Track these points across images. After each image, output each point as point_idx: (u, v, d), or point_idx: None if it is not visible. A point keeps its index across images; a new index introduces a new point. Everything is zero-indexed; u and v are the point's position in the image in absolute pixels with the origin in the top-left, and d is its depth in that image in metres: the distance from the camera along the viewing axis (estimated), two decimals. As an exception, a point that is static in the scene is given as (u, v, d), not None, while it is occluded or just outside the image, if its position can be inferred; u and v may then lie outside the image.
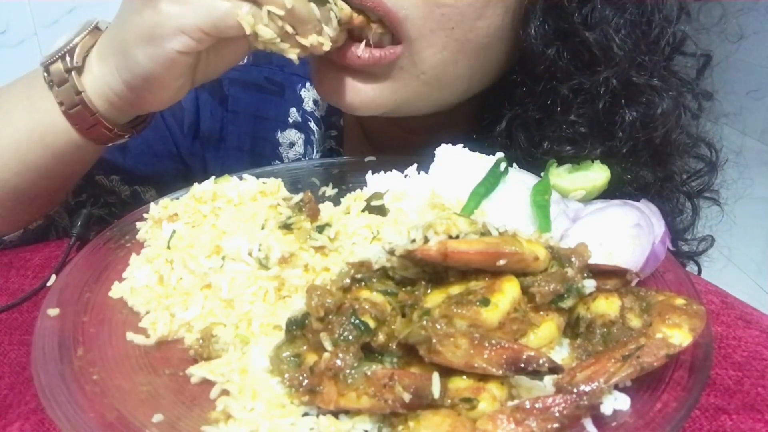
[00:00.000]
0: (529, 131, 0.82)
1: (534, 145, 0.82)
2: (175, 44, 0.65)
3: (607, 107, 0.78)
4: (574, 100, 0.78)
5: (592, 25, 0.74)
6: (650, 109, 0.78)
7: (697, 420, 0.53)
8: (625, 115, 0.78)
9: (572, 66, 0.76)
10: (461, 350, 0.45)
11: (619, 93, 0.77)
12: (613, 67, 0.75)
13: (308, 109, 1.01)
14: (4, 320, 0.67)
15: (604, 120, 0.79)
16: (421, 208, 0.66)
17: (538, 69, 0.77)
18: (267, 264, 0.58)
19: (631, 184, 0.82)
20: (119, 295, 0.61)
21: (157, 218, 0.67)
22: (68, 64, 0.71)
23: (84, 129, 0.74)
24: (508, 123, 0.83)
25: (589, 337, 0.51)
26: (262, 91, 1.00)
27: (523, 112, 0.82)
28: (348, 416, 0.46)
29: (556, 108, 0.79)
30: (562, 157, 0.78)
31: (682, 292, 0.57)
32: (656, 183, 0.84)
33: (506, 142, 0.84)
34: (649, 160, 0.82)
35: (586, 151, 0.78)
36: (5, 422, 0.54)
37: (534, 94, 0.80)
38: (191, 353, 0.55)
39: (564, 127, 0.79)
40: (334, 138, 1.02)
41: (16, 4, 2.22)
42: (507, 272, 0.51)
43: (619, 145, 0.79)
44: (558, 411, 0.43)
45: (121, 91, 0.71)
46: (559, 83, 0.77)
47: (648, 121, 0.78)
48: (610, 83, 0.76)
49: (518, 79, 0.81)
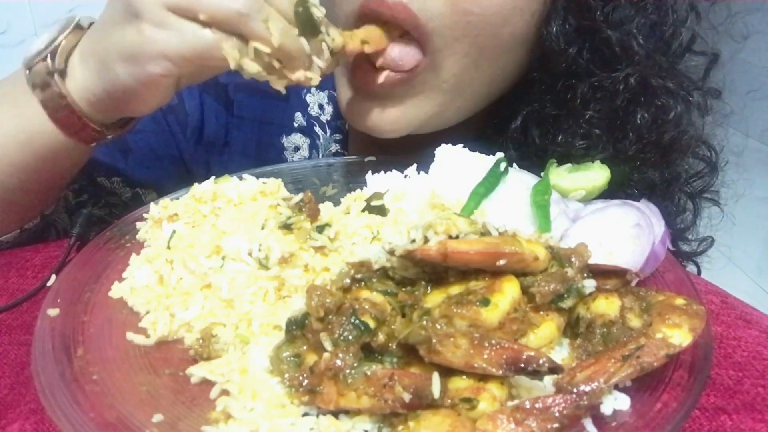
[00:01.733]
0: (544, 127, 0.83)
1: (547, 141, 0.83)
2: (157, 68, 0.63)
3: (623, 106, 0.79)
4: (592, 98, 0.79)
5: (614, 23, 0.75)
6: (664, 111, 0.80)
7: (697, 420, 0.53)
8: (638, 116, 0.79)
9: (592, 64, 0.77)
10: (461, 350, 0.45)
11: (636, 93, 0.78)
12: (633, 65, 0.76)
13: (313, 114, 1.01)
14: (4, 320, 0.67)
15: (618, 119, 0.80)
16: (421, 208, 0.66)
17: (558, 67, 0.78)
18: (267, 264, 0.58)
19: (638, 184, 0.83)
20: (119, 295, 0.61)
21: (157, 218, 0.67)
22: (50, 66, 0.69)
23: (72, 132, 0.72)
24: (524, 119, 0.84)
25: (589, 337, 0.51)
26: (267, 96, 1.00)
27: (540, 108, 0.83)
28: (348, 416, 0.46)
29: (574, 105, 0.80)
30: (572, 155, 0.79)
31: (682, 292, 0.57)
32: (662, 183, 0.85)
33: (520, 138, 0.85)
34: (658, 160, 0.83)
35: (598, 148, 0.80)
36: (5, 422, 0.54)
37: (552, 92, 0.81)
38: (191, 353, 0.55)
39: (580, 123, 0.80)
40: (339, 142, 1.03)
41: (16, 4, 2.22)
42: (507, 272, 0.51)
43: (629, 145, 0.80)
44: (558, 411, 0.43)
45: (103, 98, 0.69)
46: (579, 81, 0.79)
47: (660, 123, 0.80)
48: (629, 82, 0.77)
49: (537, 77, 0.81)
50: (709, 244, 0.97)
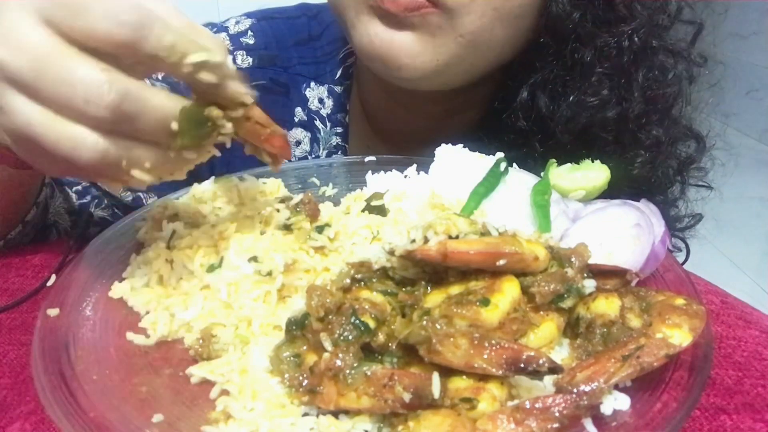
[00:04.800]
0: (553, 92, 0.85)
1: (556, 106, 0.85)
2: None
3: (628, 65, 0.82)
4: (599, 59, 0.82)
5: None
6: (664, 70, 0.83)
7: (697, 420, 0.53)
8: (640, 75, 0.83)
9: (597, 26, 0.80)
10: (461, 350, 0.45)
11: (638, 52, 0.82)
12: (635, 24, 0.80)
13: (313, 108, 1.02)
14: (4, 320, 0.67)
15: (624, 77, 0.83)
16: (421, 208, 0.66)
17: (565, 32, 0.80)
18: (270, 274, 0.58)
19: (642, 143, 0.86)
20: (119, 295, 0.60)
21: (157, 218, 0.67)
22: None
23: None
24: (531, 89, 0.86)
25: (589, 337, 0.51)
26: (267, 92, 1.00)
27: (548, 74, 0.85)
28: (348, 416, 0.46)
29: (581, 67, 0.82)
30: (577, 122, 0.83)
31: (682, 292, 0.57)
32: (668, 142, 0.88)
33: (527, 108, 0.87)
34: (660, 120, 0.87)
35: (607, 107, 0.83)
36: (5, 422, 0.54)
37: (559, 57, 0.83)
38: (191, 353, 0.55)
39: (589, 83, 0.83)
40: (340, 135, 1.04)
41: (16, 4, 2.22)
42: (507, 272, 0.51)
43: (634, 105, 0.83)
44: (558, 411, 0.43)
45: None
46: (584, 44, 0.81)
47: (661, 81, 0.84)
48: (633, 39, 0.80)
49: (543, 42, 0.83)
50: (697, 220, 1.00)
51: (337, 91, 1.02)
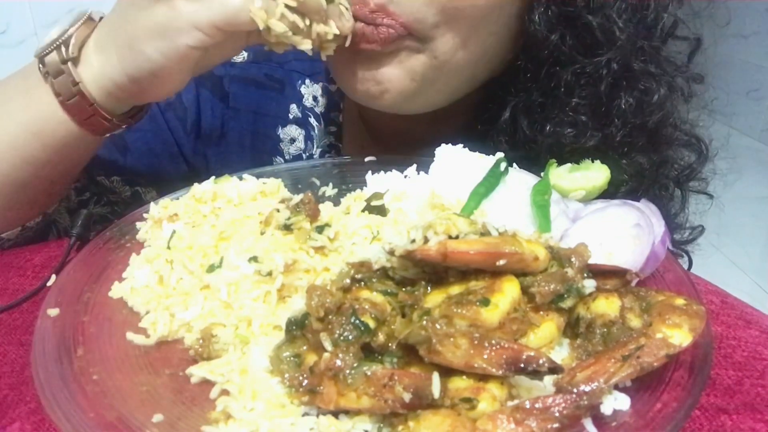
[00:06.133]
0: (532, 116, 0.84)
1: (536, 130, 0.84)
2: (188, 40, 0.66)
3: (607, 92, 0.80)
4: (576, 85, 0.80)
5: (595, 9, 0.76)
6: (647, 95, 0.81)
7: (697, 420, 0.53)
8: (622, 101, 0.80)
9: (575, 50, 0.78)
10: (461, 350, 0.45)
11: (619, 78, 0.80)
12: (614, 50, 0.77)
13: (308, 105, 1.02)
14: (4, 320, 0.67)
15: (603, 105, 0.81)
16: (421, 208, 0.66)
17: (541, 54, 0.79)
18: (270, 274, 0.58)
19: (628, 168, 0.84)
20: (119, 295, 0.61)
21: (157, 218, 0.67)
22: (64, 55, 0.71)
23: (82, 120, 0.74)
24: (512, 110, 0.85)
25: (589, 337, 0.51)
26: (262, 87, 1.01)
27: (526, 97, 0.84)
28: (348, 416, 0.46)
29: (559, 92, 0.81)
30: (562, 144, 0.81)
31: (682, 292, 0.57)
32: (652, 168, 0.86)
33: (510, 129, 0.86)
34: (645, 146, 0.85)
35: (586, 135, 0.81)
36: (5, 422, 0.54)
37: (537, 80, 0.82)
38: (191, 353, 0.55)
39: (566, 110, 0.81)
40: (334, 134, 1.03)
41: (16, 4, 2.22)
42: (507, 272, 0.51)
43: (615, 131, 0.81)
44: (558, 411, 0.43)
45: (124, 83, 0.71)
46: (562, 68, 0.79)
47: (644, 107, 0.81)
48: (611, 67, 0.78)
49: (522, 65, 0.82)
50: (699, 232, 0.98)
51: (331, 89, 1.01)
